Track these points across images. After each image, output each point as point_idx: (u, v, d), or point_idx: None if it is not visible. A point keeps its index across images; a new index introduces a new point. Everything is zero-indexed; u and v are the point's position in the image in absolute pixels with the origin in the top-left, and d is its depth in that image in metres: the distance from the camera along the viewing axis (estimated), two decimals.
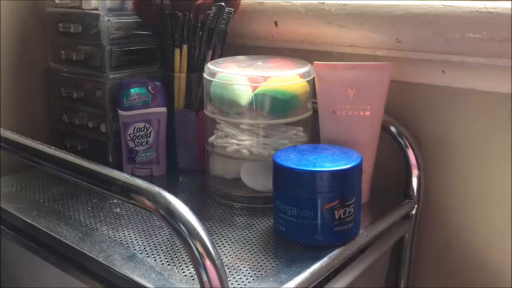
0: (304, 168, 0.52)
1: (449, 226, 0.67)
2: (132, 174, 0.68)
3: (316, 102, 0.63)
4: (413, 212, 0.67)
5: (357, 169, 0.54)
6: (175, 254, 0.52)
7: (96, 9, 0.69)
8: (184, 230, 0.39)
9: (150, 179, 0.71)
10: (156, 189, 0.41)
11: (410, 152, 0.66)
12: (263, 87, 0.61)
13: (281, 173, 0.54)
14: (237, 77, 0.62)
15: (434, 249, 0.68)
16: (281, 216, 0.55)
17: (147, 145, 0.71)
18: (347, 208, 0.53)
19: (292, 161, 0.54)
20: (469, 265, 0.66)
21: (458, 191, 0.65)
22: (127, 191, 0.42)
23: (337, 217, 0.53)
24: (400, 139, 0.66)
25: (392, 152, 0.67)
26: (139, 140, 0.70)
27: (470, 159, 0.64)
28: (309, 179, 0.52)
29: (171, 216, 0.40)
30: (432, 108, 0.65)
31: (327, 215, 0.52)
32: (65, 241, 0.55)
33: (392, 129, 0.67)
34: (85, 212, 0.62)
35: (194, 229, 0.39)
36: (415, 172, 0.66)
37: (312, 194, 0.52)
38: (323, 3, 0.68)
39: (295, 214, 0.53)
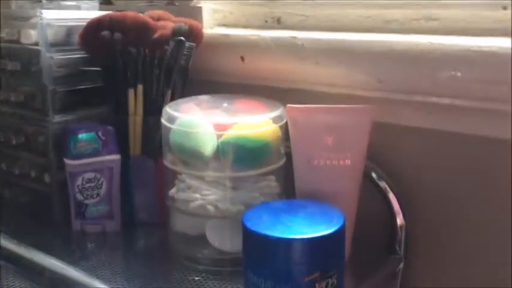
0: (278, 235, 0.45)
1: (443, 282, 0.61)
2: (82, 231, 0.63)
3: (289, 146, 0.57)
4: (399, 268, 0.61)
5: (340, 234, 0.47)
6: None
7: (37, 44, 0.62)
8: None
9: (102, 235, 0.64)
10: (96, 285, 0.33)
11: (393, 200, 0.61)
12: (230, 134, 0.56)
13: (252, 240, 0.47)
14: (200, 124, 0.56)
15: None
16: None
17: (98, 198, 0.64)
18: (329, 280, 0.46)
19: (264, 224, 0.47)
20: None
21: (450, 248, 0.60)
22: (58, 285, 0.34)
23: None
24: (381, 185, 0.61)
25: (373, 201, 0.61)
26: (89, 192, 0.64)
27: (462, 209, 0.59)
28: (284, 248, 0.45)
29: None
30: (418, 153, 0.61)
31: None
32: None
33: (374, 175, 0.61)
34: None
35: None
36: (399, 222, 0.61)
37: (288, 266, 0.45)
38: (295, 37, 0.63)
39: None
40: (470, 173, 0.57)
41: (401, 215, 0.61)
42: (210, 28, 0.71)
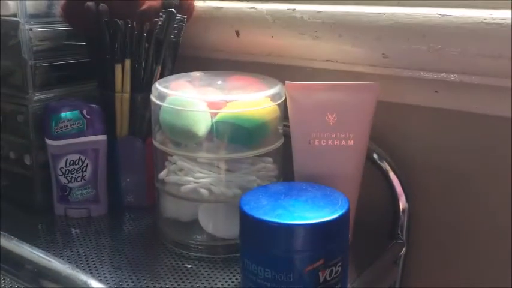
0: (279, 220, 0.43)
1: (444, 270, 0.60)
2: (66, 216, 0.62)
3: (288, 126, 0.55)
4: (402, 253, 0.59)
5: (345, 218, 0.45)
6: None
7: (15, 15, 0.59)
8: None
9: (88, 221, 0.62)
10: (81, 277, 0.30)
11: (396, 182, 0.59)
12: (225, 113, 0.53)
13: (250, 226, 0.44)
14: (193, 101, 0.53)
15: None
16: (251, 278, 0.45)
17: (82, 181, 0.62)
18: (334, 268, 0.44)
19: (264, 209, 0.44)
20: None
21: (455, 230, 0.58)
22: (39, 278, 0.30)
23: (321, 280, 0.43)
24: (383, 167, 0.59)
25: (375, 183, 0.59)
26: (73, 175, 0.61)
27: (466, 192, 0.57)
28: (286, 235, 0.43)
29: None
30: (422, 133, 0.58)
31: (309, 278, 0.43)
32: None
33: (375, 156, 0.59)
34: None
35: None
36: (401, 205, 0.59)
37: (290, 253, 0.43)
38: (293, 9, 0.60)
39: (269, 278, 0.44)
40: (477, 154, 0.56)
41: (403, 198, 0.59)
42: (202, 1, 0.68)
